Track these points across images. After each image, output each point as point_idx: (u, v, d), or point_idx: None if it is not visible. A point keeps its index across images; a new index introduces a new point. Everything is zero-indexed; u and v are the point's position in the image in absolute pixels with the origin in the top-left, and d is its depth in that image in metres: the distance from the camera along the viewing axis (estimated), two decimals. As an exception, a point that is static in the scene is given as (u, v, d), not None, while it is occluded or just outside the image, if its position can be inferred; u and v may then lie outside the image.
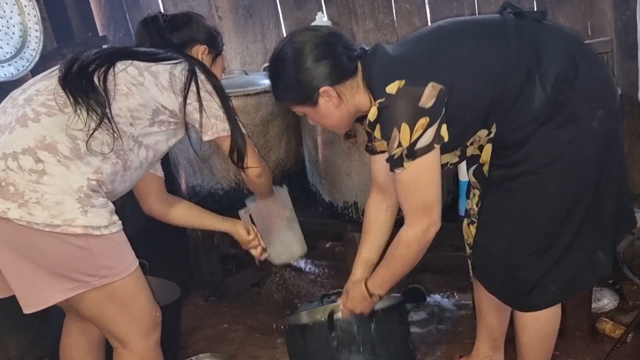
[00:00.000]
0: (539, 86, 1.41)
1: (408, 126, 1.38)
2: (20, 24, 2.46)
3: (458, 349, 2.17)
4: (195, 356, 2.18)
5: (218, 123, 1.62)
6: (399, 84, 1.39)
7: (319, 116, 1.54)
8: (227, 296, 2.79)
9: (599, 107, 1.44)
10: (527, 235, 1.52)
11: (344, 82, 1.48)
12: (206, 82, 1.61)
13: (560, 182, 1.46)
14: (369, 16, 2.76)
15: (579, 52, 1.46)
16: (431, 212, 1.47)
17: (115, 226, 1.45)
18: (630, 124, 2.31)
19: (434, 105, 1.38)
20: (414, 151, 1.40)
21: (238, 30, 3.03)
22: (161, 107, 1.55)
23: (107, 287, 1.45)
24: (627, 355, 1.99)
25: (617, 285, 2.35)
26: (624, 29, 2.27)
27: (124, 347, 1.55)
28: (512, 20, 1.46)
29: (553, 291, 1.55)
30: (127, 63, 1.53)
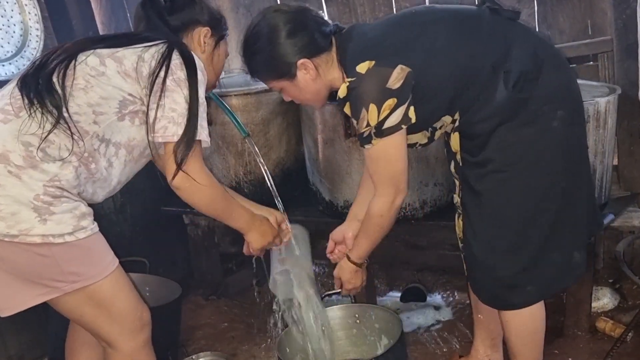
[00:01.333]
0: (502, 82, 1.45)
1: (375, 106, 1.43)
2: (21, 22, 2.46)
3: (458, 348, 2.17)
4: (195, 355, 2.18)
5: (169, 126, 1.42)
6: (369, 64, 1.44)
7: (297, 89, 1.57)
8: (227, 295, 2.79)
9: (559, 108, 1.48)
10: (500, 233, 1.55)
11: (320, 55, 1.52)
12: (179, 68, 1.44)
13: (525, 180, 1.50)
14: (369, 15, 2.76)
15: (544, 54, 1.50)
16: (398, 183, 1.55)
17: (83, 232, 1.38)
18: (630, 124, 2.31)
19: (402, 86, 1.43)
20: (382, 130, 1.46)
21: (238, 28, 3.02)
22: (128, 97, 1.42)
23: (81, 291, 1.41)
24: (627, 354, 1.99)
25: (617, 284, 2.36)
26: (624, 28, 2.27)
27: (111, 347, 1.53)
28: (487, 15, 1.51)
29: (531, 291, 1.58)
30: (88, 53, 1.42)
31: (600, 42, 2.39)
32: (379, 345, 1.96)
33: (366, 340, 2.03)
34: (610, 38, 2.34)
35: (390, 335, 1.89)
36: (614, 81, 2.34)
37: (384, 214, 1.59)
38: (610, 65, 2.38)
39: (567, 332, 2.14)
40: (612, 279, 2.40)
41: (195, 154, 1.45)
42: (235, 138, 2.36)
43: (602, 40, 2.38)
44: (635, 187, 2.35)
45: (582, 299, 2.12)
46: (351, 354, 2.09)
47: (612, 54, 2.35)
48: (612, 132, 2.09)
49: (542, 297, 1.62)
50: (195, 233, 2.70)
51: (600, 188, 2.10)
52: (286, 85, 1.57)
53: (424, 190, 2.20)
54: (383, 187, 1.56)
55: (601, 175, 2.09)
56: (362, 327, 2.02)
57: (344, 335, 2.06)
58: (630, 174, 2.37)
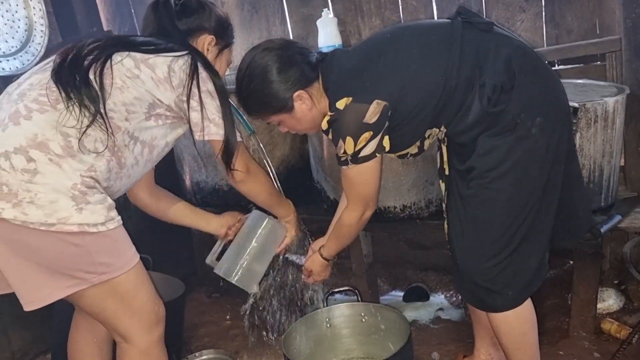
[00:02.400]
0: (477, 97, 1.48)
1: (352, 139, 1.52)
2: (26, 17, 2.46)
3: (461, 348, 2.16)
4: (198, 352, 2.17)
5: (211, 126, 1.56)
6: (347, 100, 1.51)
7: (295, 120, 1.64)
8: (231, 293, 2.78)
9: (538, 115, 1.49)
10: (480, 238, 1.57)
11: (312, 85, 1.60)
12: (207, 80, 1.54)
13: (504, 186, 1.52)
14: (375, 13, 2.74)
15: (519, 62, 1.50)
16: (368, 201, 1.67)
17: (112, 222, 1.42)
18: (638, 124, 2.29)
19: (377, 120, 1.50)
20: (357, 158, 1.55)
21: (243, 26, 3.02)
22: (157, 101, 1.50)
23: (106, 283, 1.43)
24: (633, 356, 1.98)
25: (622, 285, 2.34)
26: (633, 28, 2.25)
27: (127, 342, 1.55)
28: (459, 29, 1.53)
29: (512, 295, 1.60)
30: (124, 55, 1.48)
31: (609, 42, 2.37)
32: (386, 345, 1.96)
33: (371, 339, 2.02)
34: (619, 37, 2.32)
35: (396, 336, 1.89)
36: (622, 81, 2.33)
37: (353, 224, 1.74)
38: (619, 65, 2.36)
39: (572, 334, 2.13)
40: (618, 280, 2.38)
41: (240, 153, 1.63)
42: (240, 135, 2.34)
43: (610, 39, 2.37)
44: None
45: (587, 300, 2.11)
46: (356, 352, 2.09)
47: (620, 53, 2.33)
48: (619, 133, 2.08)
49: (523, 300, 1.62)
50: (199, 231, 2.69)
51: (607, 189, 2.09)
52: (284, 118, 1.64)
53: (430, 189, 2.19)
54: (354, 203, 1.68)
55: (608, 176, 2.07)
56: (367, 326, 2.02)
57: (349, 333, 2.06)
58: (638, 174, 2.36)
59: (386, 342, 1.97)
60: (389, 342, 1.95)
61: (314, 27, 2.74)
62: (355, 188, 1.65)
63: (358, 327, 2.04)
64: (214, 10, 1.70)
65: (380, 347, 2.00)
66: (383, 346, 1.98)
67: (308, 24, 2.84)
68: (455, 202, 1.63)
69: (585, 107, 1.92)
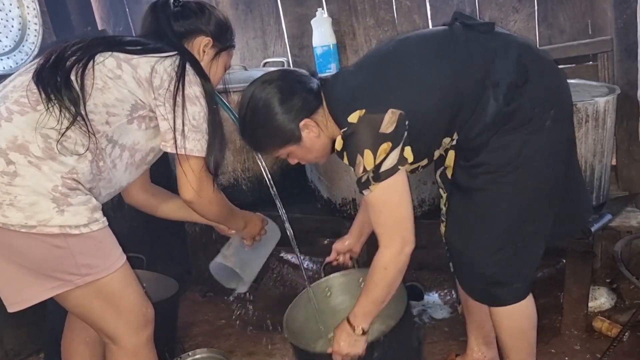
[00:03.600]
0: (491, 96, 1.45)
1: (371, 152, 1.43)
2: (20, 17, 2.45)
3: (455, 346, 2.17)
4: (192, 351, 2.17)
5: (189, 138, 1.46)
6: (360, 113, 1.45)
7: (305, 150, 1.57)
8: (225, 292, 2.78)
9: (551, 108, 1.49)
10: (487, 231, 1.56)
11: (317, 111, 1.53)
12: (194, 84, 1.48)
13: (516, 180, 1.51)
14: (370, 13, 2.75)
15: (528, 58, 1.49)
16: (404, 232, 1.49)
17: (96, 224, 1.41)
18: (629, 124, 2.31)
19: (395, 129, 1.43)
20: (379, 174, 1.45)
21: (238, 25, 3.02)
22: (140, 102, 1.46)
23: (91, 284, 1.42)
24: (623, 353, 1.99)
25: (614, 284, 2.36)
26: (624, 28, 2.27)
27: (115, 343, 1.54)
28: (461, 33, 1.51)
29: (519, 287, 1.60)
30: (106, 55, 1.44)
31: (600, 42, 2.38)
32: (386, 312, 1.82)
33: None
34: (611, 38, 2.34)
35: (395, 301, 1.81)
36: (614, 81, 2.34)
37: (389, 266, 1.50)
38: (610, 65, 2.38)
39: (564, 332, 2.14)
40: (610, 278, 2.40)
41: (198, 171, 1.52)
42: (233, 135, 2.35)
43: (602, 40, 2.38)
44: (634, 187, 2.35)
45: (579, 298, 2.12)
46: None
47: (612, 53, 2.35)
48: (610, 132, 2.09)
49: (527, 292, 1.64)
50: (193, 230, 2.70)
51: (598, 188, 2.10)
52: (293, 150, 1.57)
53: (423, 189, 2.21)
54: (387, 238, 1.50)
55: (599, 175, 2.09)
56: None
57: (348, 299, 2.02)
58: (629, 174, 2.38)
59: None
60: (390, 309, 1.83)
61: (309, 27, 2.75)
62: (385, 213, 1.49)
63: (355, 293, 1.98)
64: (214, 13, 1.67)
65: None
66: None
67: (302, 24, 2.84)
68: (459, 196, 1.59)
69: (576, 106, 1.94)
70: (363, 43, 2.78)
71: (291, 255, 2.91)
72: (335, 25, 2.74)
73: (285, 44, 2.95)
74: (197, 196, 1.55)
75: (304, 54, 2.90)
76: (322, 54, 2.71)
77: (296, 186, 2.46)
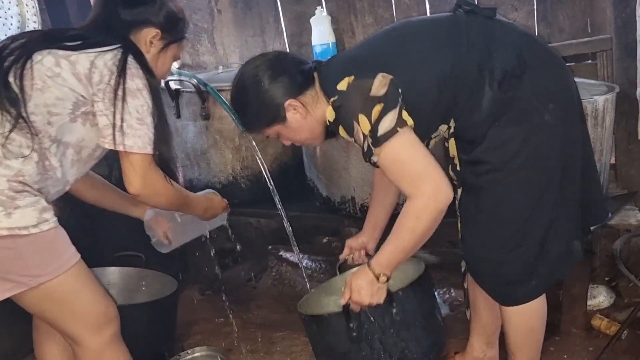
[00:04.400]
0: (487, 83, 1.43)
1: (365, 116, 1.40)
2: (19, 15, 2.45)
3: (453, 345, 2.17)
4: (190, 349, 2.18)
5: (128, 134, 1.43)
6: (349, 79, 1.43)
7: (291, 131, 1.57)
8: (224, 290, 2.78)
9: (550, 101, 1.46)
10: (501, 231, 1.55)
11: (305, 93, 1.53)
12: (137, 78, 1.44)
13: (523, 177, 1.49)
14: (368, 10, 2.75)
15: (528, 48, 1.48)
16: (430, 179, 1.40)
17: (46, 224, 1.40)
18: (628, 122, 2.31)
19: (387, 92, 1.39)
20: (377, 138, 1.41)
21: (237, 23, 3.02)
22: (81, 98, 1.44)
23: (43, 286, 1.42)
24: (622, 351, 1.99)
25: (613, 282, 2.36)
26: (624, 27, 2.27)
27: (76, 344, 1.53)
28: (464, 18, 1.50)
29: (535, 284, 1.59)
30: (44, 53, 1.42)
31: (600, 41, 2.38)
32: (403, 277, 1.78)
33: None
34: (610, 37, 2.34)
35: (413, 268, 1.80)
36: (613, 80, 2.34)
37: (421, 215, 1.41)
38: (609, 64, 2.38)
39: (563, 330, 2.14)
40: (608, 277, 2.39)
41: (154, 164, 1.50)
42: (232, 133, 2.35)
43: (601, 38, 2.38)
44: (633, 186, 2.35)
45: (578, 296, 2.13)
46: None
47: (611, 52, 2.35)
48: (610, 131, 2.10)
49: (545, 289, 1.63)
50: (192, 228, 2.69)
51: (597, 186, 2.10)
52: (280, 130, 1.58)
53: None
54: (415, 189, 1.41)
55: (599, 174, 2.09)
56: None
57: None
58: (628, 172, 2.38)
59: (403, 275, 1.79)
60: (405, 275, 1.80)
61: (308, 25, 2.75)
62: (399, 173, 1.43)
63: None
64: (166, 4, 1.61)
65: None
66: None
67: (302, 22, 2.84)
68: (469, 197, 1.58)
69: (575, 105, 1.94)
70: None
71: (290, 254, 2.91)
72: (334, 24, 2.74)
73: (284, 42, 2.95)
74: (142, 190, 1.50)
75: (303, 52, 2.90)
76: (321, 52, 2.70)
77: (295, 184, 2.46)
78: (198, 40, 3.11)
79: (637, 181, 2.35)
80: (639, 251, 2.34)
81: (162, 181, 1.55)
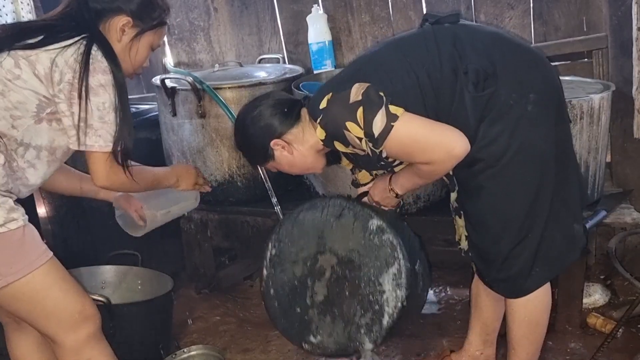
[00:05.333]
0: (464, 85, 1.47)
1: (352, 122, 1.48)
2: (13, 12, 2.45)
3: (450, 343, 2.18)
4: (186, 348, 2.17)
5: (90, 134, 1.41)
6: (327, 97, 1.53)
7: (284, 166, 1.69)
8: (220, 289, 2.79)
9: (530, 91, 1.50)
10: (503, 226, 1.57)
11: (290, 130, 1.63)
12: (100, 72, 1.40)
13: (517, 170, 1.52)
14: (365, 9, 2.75)
15: (496, 45, 1.52)
16: (438, 146, 1.46)
17: (14, 223, 1.41)
18: (624, 121, 2.31)
19: (365, 94, 1.46)
20: (376, 140, 1.47)
21: (234, 22, 3.01)
22: (44, 99, 1.42)
23: (12, 285, 1.41)
24: (617, 349, 2.00)
25: (608, 280, 2.37)
26: (619, 25, 2.27)
27: (53, 342, 1.52)
28: (430, 28, 1.58)
29: (539, 272, 1.61)
30: (4, 55, 1.40)
31: (595, 39, 2.38)
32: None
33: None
34: (605, 35, 2.34)
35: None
36: (609, 78, 2.35)
37: (440, 164, 1.50)
38: (605, 62, 2.38)
39: (559, 328, 2.15)
40: (604, 275, 2.41)
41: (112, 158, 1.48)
42: (229, 131, 2.35)
43: (596, 36, 2.38)
44: (628, 184, 2.36)
45: (573, 295, 2.13)
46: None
47: (606, 50, 2.35)
48: (605, 129, 2.10)
49: (552, 275, 1.67)
50: (188, 227, 2.70)
51: (593, 185, 2.11)
52: (275, 165, 1.70)
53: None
54: (428, 160, 1.49)
55: (594, 172, 2.09)
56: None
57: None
58: (623, 171, 2.38)
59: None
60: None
61: (304, 23, 2.75)
62: (410, 153, 1.51)
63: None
64: None
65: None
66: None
67: (298, 20, 2.84)
68: (467, 197, 1.62)
69: (571, 103, 1.94)
70: (358, 39, 2.78)
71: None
72: (330, 22, 2.74)
73: (280, 40, 2.94)
74: (108, 183, 1.51)
75: (299, 51, 2.90)
76: (318, 50, 2.70)
77: (291, 183, 2.46)
78: (194, 38, 3.10)
79: (633, 179, 2.36)
80: (634, 249, 2.35)
81: (126, 171, 1.53)
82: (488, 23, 2.58)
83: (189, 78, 2.29)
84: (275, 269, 1.80)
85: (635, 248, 2.36)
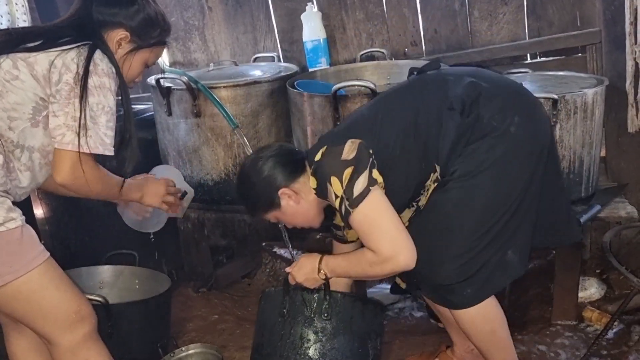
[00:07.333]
0: (449, 118, 1.54)
1: (336, 178, 1.53)
2: (8, 14, 2.45)
3: (445, 338, 2.19)
4: (185, 347, 2.18)
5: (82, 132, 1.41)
6: (323, 150, 1.60)
7: (288, 216, 1.70)
8: (218, 287, 2.79)
9: (515, 114, 1.55)
10: (446, 241, 1.56)
11: (297, 180, 1.66)
12: (104, 75, 1.44)
13: (484, 185, 1.53)
14: (359, 6, 2.75)
15: (480, 75, 1.62)
16: (392, 242, 1.51)
17: (13, 222, 1.41)
18: (618, 115, 2.32)
19: (356, 155, 1.53)
20: (353, 199, 1.52)
21: (228, 21, 3.01)
22: (40, 102, 1.43)
23: (9, 284, 1.42)
24: (612, 343, 2.02)
25: (604, 274, 2.38)
26: (612, 20, 2.28)
27: (49, 343, 1.53)
28: (415, 79, 1.72)
29: (470, 293, 1.58)
30: (2, 57, 1.43)
31: (589, 34, 2.40)
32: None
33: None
34: (599, 29, 2.35)
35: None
36: (602, 73, 2.36)
37: (374, 266, 1.54)
38: (599, 56, 2.39)
39: (555, 322, 2.16)
40: (599, 269, 2.42)
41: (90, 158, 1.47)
42: (224, 130, 2.35)
43: (590, 31, 2.39)
44: (623, 179, 2.37)
45: (569, 289, 2.14)
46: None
47: (600, 45, 2.36)
48: (599, 124, 2.11)
49: (483, 298, 1.59)
50: (185, 226, 2.70)
51: (587, 179, 2.12)
52: (278, 215, 1.71)
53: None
54: (376, 247, 1.52)
55: (588, 167, 2.10)
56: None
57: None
58: (618, 165, 2.39)
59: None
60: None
61: (299, 21, 2.75)
62: (370, 233, 1.53)
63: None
64: (145, 9, 1.58)
65: None
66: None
67: (292, 18, 2.84)
68: (424, 212, 1.62)
69: (564, 98, 1.95)
70: (353, 37, 2.79)
71: (284, 250, 2.91)
72: (325, 20, 2.74)
73: (275, 38, 2.95)
74: (69, 182, 1.47)
75: (294, 49, 2.90)
76: (313, 48, 2.71)
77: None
78: (189, 37, 3.10)
79: (627, 173, 2.37)
80: (629, 243, 2.37)
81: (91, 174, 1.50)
82: (482, 19, 2.59)
83: (184, 77, 2.29)
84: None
85: (630, 242, 2.37)
